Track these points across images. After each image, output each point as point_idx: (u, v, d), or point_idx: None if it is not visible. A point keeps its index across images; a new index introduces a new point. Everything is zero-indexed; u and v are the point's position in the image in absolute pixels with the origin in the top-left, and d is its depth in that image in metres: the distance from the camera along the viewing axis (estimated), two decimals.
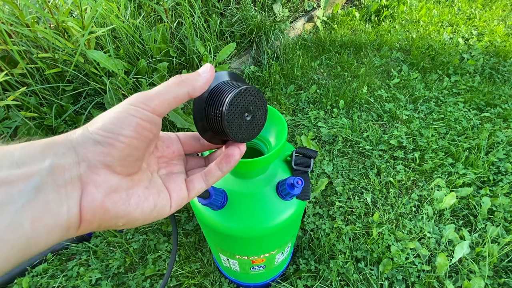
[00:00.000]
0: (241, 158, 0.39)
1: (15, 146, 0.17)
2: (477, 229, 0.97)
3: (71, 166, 0.18)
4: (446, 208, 1.02)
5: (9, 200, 0.15)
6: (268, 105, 0.46)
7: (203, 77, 0.23)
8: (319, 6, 2.00)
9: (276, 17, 1.67)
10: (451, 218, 1.01)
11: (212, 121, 0.25)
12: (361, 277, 0.86)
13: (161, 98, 0.21)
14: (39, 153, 0.17)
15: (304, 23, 1.92)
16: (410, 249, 0.91)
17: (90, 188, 0.18)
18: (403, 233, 0.96)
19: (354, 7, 2.22)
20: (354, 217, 1.00)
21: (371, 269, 0.88)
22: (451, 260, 0.89)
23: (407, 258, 0.89)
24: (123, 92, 1.07)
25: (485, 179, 1.12)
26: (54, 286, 0.84)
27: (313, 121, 1.34)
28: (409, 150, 1.23)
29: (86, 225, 0.19)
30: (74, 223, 0.18)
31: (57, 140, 0.18)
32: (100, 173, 0.19)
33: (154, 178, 0.24)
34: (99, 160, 0.19)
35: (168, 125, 1.15)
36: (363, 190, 1.09)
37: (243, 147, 0.27)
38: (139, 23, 1.21)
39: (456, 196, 1.04)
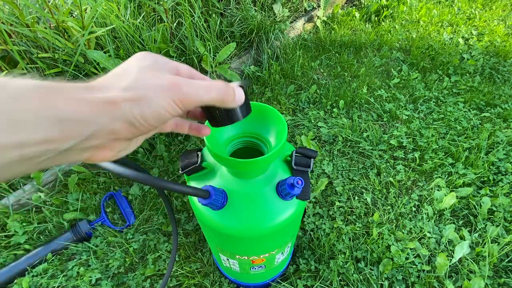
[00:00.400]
0: (241, 158, 0.40)
1: (59, 100, 0.17)
2: (477, 229, 0.97)
3: (104, 135, 0.20)
4: (446, 208, 1.02)
5: (40, 154, 0.17)
6: (268, 105, 0.46)
7: (234, 106, 0.27)
8: (319, 6, 2.00)
9: (276, 17, 1.66)
10: (451, 218, 1.01)
11: (213, 112, 0.28)
12: (361, 277, 0.86)
13: (197, 103, 0.23)
14: (85, 120, 0.18)
15: (304, 23, 1.92)
16: (410, 249, 0.91)
17: (106, 151, 0.22)
18: (403, 233, 0.96)
19: (354, 7, 2.22)
20: (354, 217, 1.00)
21: (371, 269, 0.88)
22: (451, 260, 0.89)
23: (407, 258, 0.89)
24: None
25: (485, 179, 1.12)
26: (54, 286, 0.84)
27: (313, 121, 1.34)
28: (409, 150, 1.23)
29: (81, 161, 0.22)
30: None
31: (104, 106, 0.19)
32: (120, 142, 0.22)
33: None
34: (126, 135, 0.21)
35: None
36: (363, 190, 1.09)
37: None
38: (139, 23, 1.21)
39: (456, 196, 1.04)
